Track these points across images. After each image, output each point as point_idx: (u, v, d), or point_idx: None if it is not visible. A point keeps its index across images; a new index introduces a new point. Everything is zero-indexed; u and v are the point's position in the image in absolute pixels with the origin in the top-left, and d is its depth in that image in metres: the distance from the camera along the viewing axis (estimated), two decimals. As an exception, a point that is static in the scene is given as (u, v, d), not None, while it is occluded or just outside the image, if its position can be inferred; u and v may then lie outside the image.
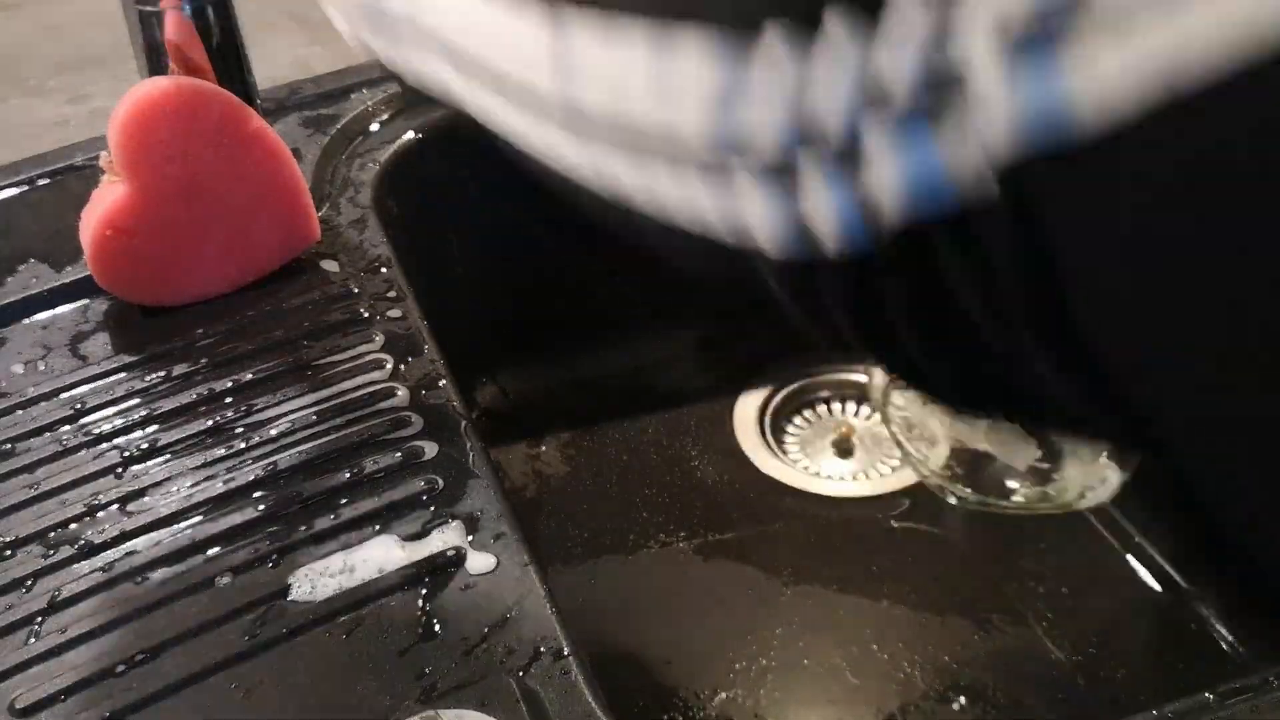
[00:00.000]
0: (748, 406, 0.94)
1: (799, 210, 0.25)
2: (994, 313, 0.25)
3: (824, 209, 0.25)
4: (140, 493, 0.59)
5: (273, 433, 0.62)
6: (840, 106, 0.24)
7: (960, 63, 0.23)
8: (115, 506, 0.58)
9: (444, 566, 0.55)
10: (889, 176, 0.24)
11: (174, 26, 0.72)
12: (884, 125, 0.23)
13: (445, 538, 0.56)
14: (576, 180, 0.31)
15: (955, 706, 0.74)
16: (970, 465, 0.79)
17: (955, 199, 0.23)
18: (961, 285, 0.25)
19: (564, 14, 0.28)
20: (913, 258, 0.24)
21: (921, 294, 0.25)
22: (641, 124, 0.28)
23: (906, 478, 0.88)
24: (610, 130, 0.29)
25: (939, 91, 0.23)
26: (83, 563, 0.56)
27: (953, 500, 0.77)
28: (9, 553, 0.56)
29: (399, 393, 0.64)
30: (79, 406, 0.64)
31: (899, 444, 0.76)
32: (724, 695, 0.75)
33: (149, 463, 0.61)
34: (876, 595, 0.80)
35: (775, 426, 0.93)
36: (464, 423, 0.62)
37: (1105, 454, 0.76)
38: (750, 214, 0.26)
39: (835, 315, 0.27)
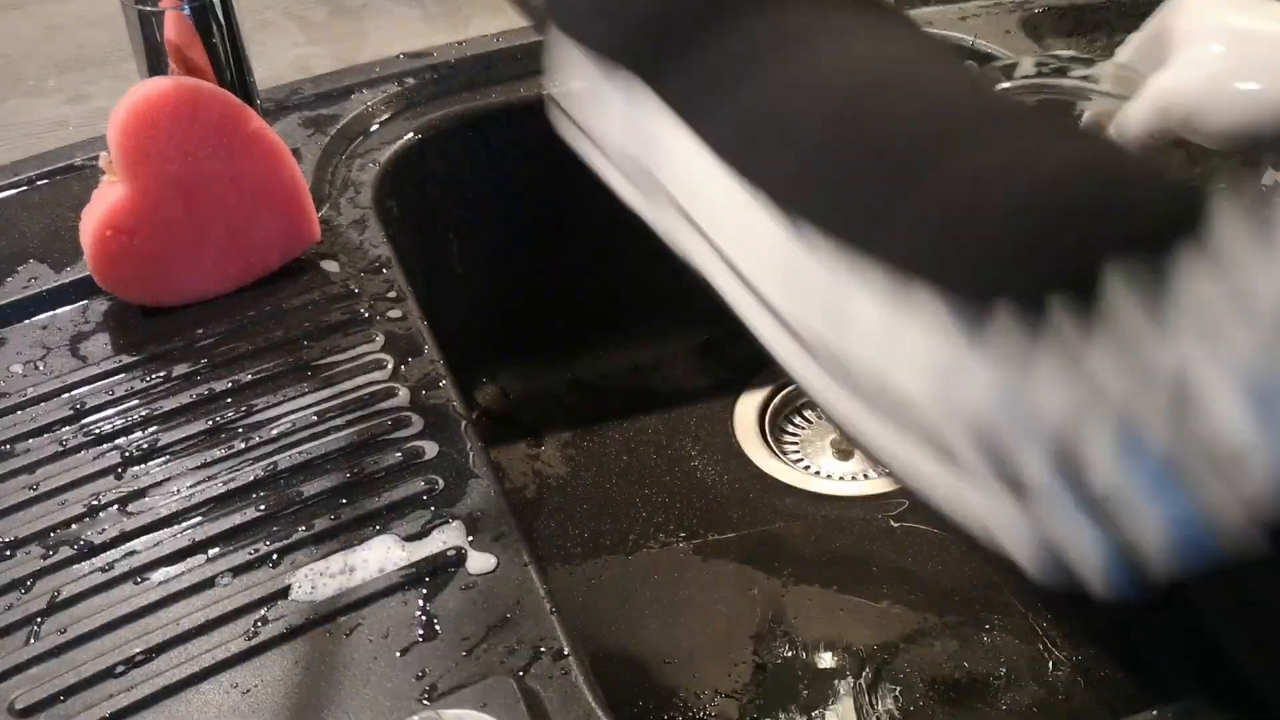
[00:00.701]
0: (748, 406, 0.94)
1: (1045, 530, 0.24)
2: (1266, 655, 0.24)
3: (1078, 543, 0.23)
4: (140, 493, 0.59)
5: (273, 433, 0.62)
6: (1061, 407, 0.23)
7: (1193, 391, 0.21)
8: (115, 507, 0.58)
9: (444, 566, 0.55)
10: (1146, 522, 0.22)
11: (174, 26, 0.72)
12: (1116, 442, 0.22)
13: (445, 538, 0.56)
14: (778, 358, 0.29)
15: (956, 706, 0.74)
16: None
17: (1217, 549, 0.22)
18: (1228, 628, 0.23)
19: (806, 230, 0.27)
20: (1176, 598, 0.23)
21: (1187, 632, 0.24)
22: (857, 365, 0.26)
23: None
24: (828, 356, 0.28)
25: (1173, 420, 0.22)
26: (83, 563, 0.56)
27: None
28: (9, 553, 0.56)
29: (399, 393, 0.64)
30: (79, 406, 0.64)
31: None
32: (724, 695, 0.75)
33: (149, 463, 0.61)
34: (876, 595, 0.80)
35: (775, 426, 0.93)
36: (464, 423, 0.62)
37: None
38: (987, 511, 0.25)
39: (1091, 632, 0.26)
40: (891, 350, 0.25)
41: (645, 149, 0.30)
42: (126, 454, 0.61)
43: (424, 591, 0.54)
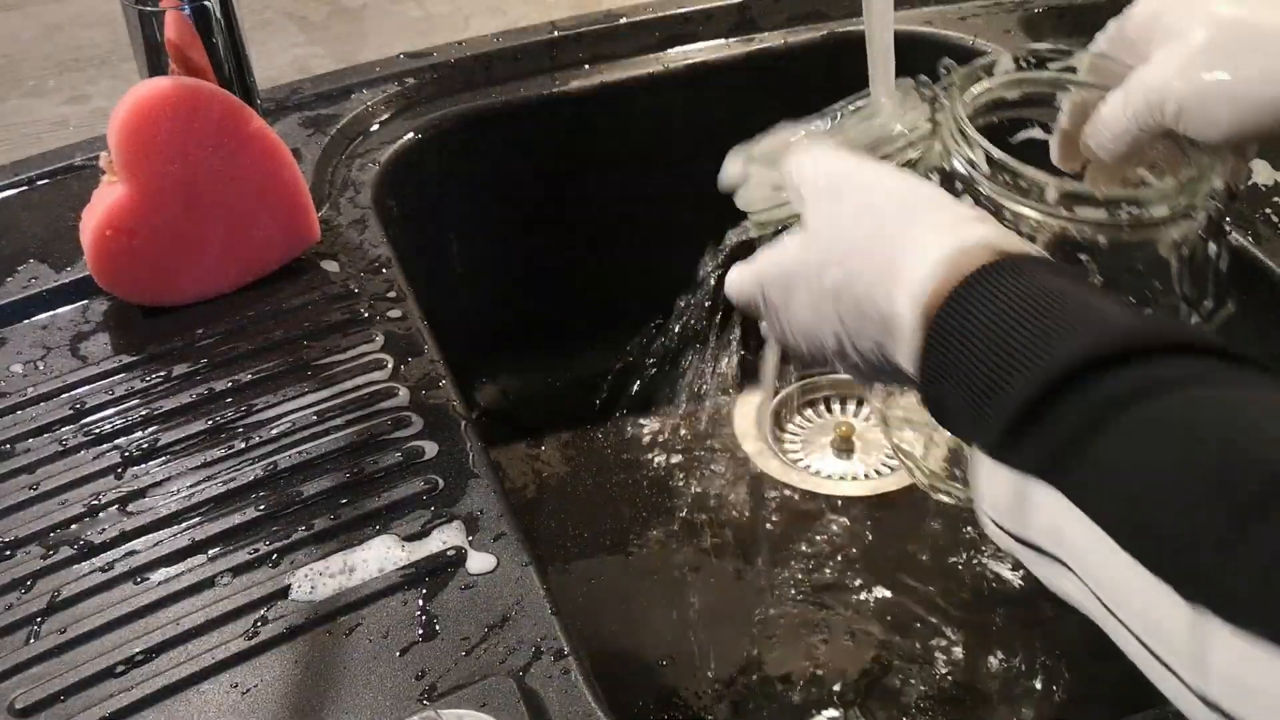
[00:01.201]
0: (748, 406, 0.94)
1: None
2: None
3: None
4: (140, 493, 0.59)
5: (273, 433, 0.62)
6: None
7: None
8: (115, 507, 0.58)
9: (444, 566, 0.55)
10: None
11: (174, 26, 0.72)
12: None
13: (445, 538, 0.56)
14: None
15: (956, 704, 0.74)
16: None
17: None
18: None
19: (1204, 617, 0.32)
20: None
21: None
22: None
23: (906, 478, 0.88)
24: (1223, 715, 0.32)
25: None
26: (83, 563, 0.56)
27: (948, 500, 0.77)
28: (9, 553, 0.56)
29: (399, 393, 0.64)
30: (79, 406, 0.64)
31: (897, 448, 0.76)
32: (724, 695, 0.75)
33: (149, 463, 0.61)
34: (877, 594, 0.80)
35: (775, 426, 0.93)
36: (464, 423, 0.62)
37: None
38: None
39: None
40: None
41: (1051, 528, 0.37)
42: (126, 454, 0.61)
43: (424, 591, 0.54)
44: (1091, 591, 0.37)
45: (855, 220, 0.47)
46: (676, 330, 0.75)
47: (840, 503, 0.86)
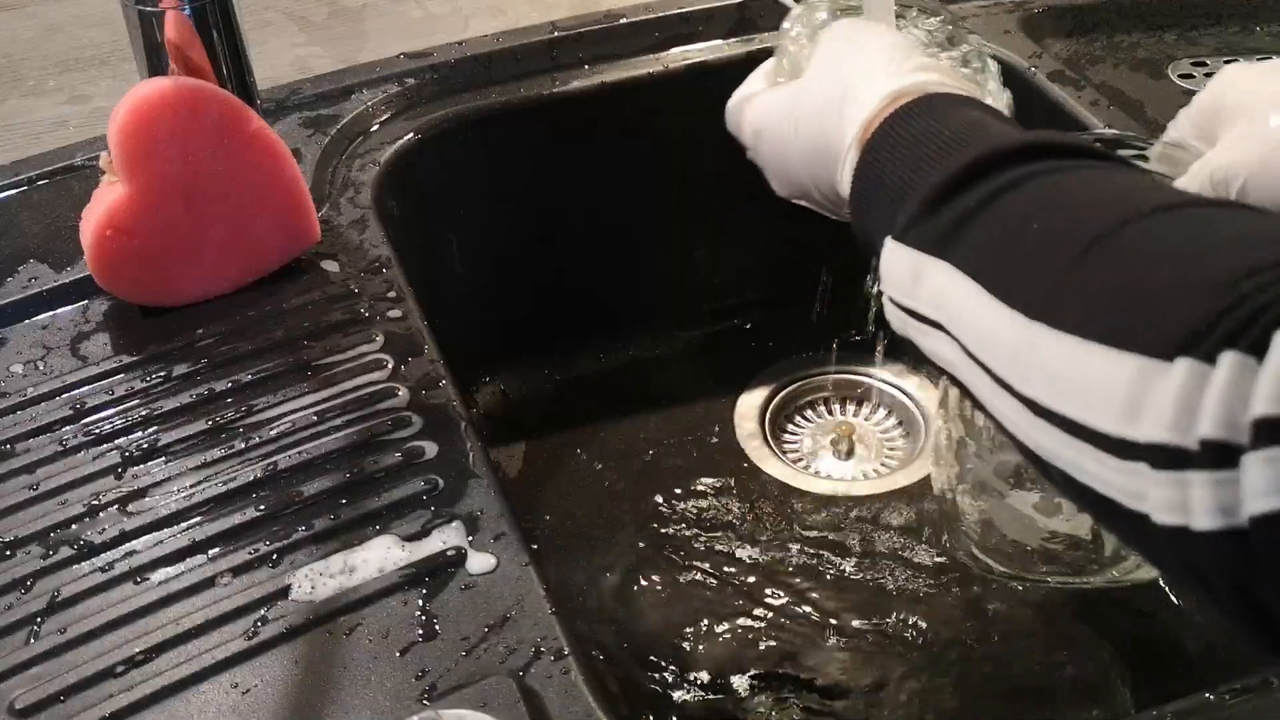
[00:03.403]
0: (748, 406, 0.94)
1: (1185, 496, 0.34)
2: None
3: (1204, 498, 0.33)
4: (140, 493, 0.59)
5: (273, 433, 0.62)
6: (1221, 424, 0.33)
7: None
8: (115, 507, 0.58)
9: (444, 566, 0.55)
10: (1257, 486, 0.32)
11: (174, 26, 0.72)
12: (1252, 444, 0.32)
13: (445, 538, 0.56)
14: (1017, 441, 0.42)
15: (956, 701, 0.74)
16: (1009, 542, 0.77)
17: None
18: None
19: (1035, 328, 0.39)
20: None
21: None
22: (1067, 413, 0.38)
23: (906, 478, 0.88)
24: (1047, 414, 0.39)
25: None
26: (83, 563, 0.56)
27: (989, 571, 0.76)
28: (9, 553, 0.56)
29: (399, 393, 0.64)
30: (79, 406, 0.64)
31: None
32: (724, 695, 0.75)
33: (149, 463, 0.61)
34: (877, 594, 0.80)
35: (775, 426, 0.93)
36: (464, 423, 0.62)
37: None
38: (1144, 491, 0.35)
39: (1211, 581, 0.35)
40: (1085, 392, 0.37)
41: (935, 296, 0.45)
42: (126, 454, 0.61)
43: (424, 591, 0.54)
44: (959, 344, 0.44)
45: (833, 68, 0.55)
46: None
47: (840, 503, 0.86)
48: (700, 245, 1.00)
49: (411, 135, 0.86)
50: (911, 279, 0.46)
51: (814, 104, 0.55)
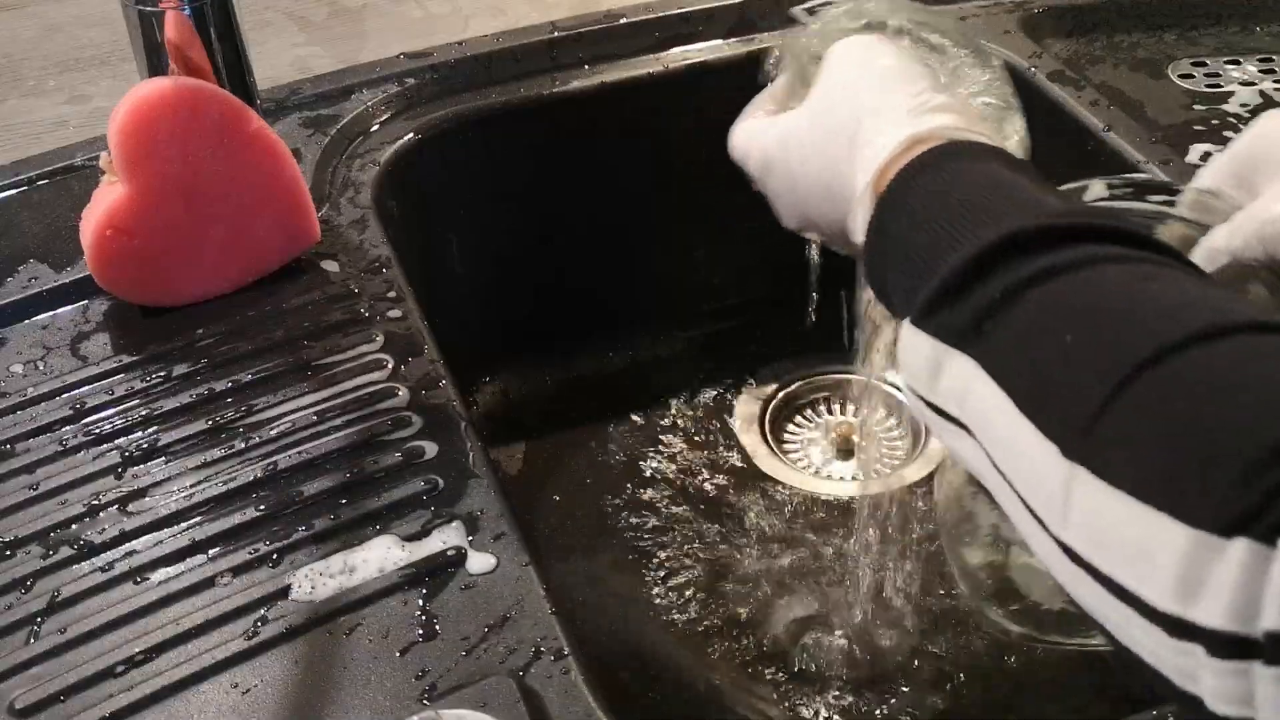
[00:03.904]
0: (748, 406, 0.94)
1: (1249, 688, 0.31)
2: None
3: (1271, 695, 0.31)
4: (140, 493, 0.59)
5: (273, 433, 0.62)
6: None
7: None
8: (115, 507, 0.58)
9: (444, 566, 0.55)
10: None
11: (174, 26, 0.72)
12: None
13: (445, 538, 0.56)
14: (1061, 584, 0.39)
15: (955, 701, 0.74)
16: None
17: None
18: None
19: (1075, 470, 0.36)
20: None
21: None
22: (1113, 575, 0.35)
23: (906, 477, 0.88)
24: (1089, 569, 0.36)
25: None
26: (83, 563, 0.56)
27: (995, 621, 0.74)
28: (9, 553, 0.56)
29: (399, 393, 0.64)
30: (79, 406, 0.64)
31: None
32: (724, 694, 0.75)
33: (149, 463, 0.61)
34: (878, 594, 0.80)
35: (775, 426, 0.93)
36: (464, 423, 0.62)
37: None
38: (1199, 674, 0.33)
39: None
40: (1133, 557, 0.34)
41: (958, 394, 0.41)
42: (126, 454, 0.61)
43: (424, 591, 0.54)
44: (985, 452, 0.40)
45: (844, 97, 0.52)
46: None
47: (840, 503, 0.86)
48: (700, 245, 1.00)
49: (411, 135, 0.86)
50: (931, 371, 0.42)
51: (823, 139, 0.52)
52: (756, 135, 0.57)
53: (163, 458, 0.61)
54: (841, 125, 0.51)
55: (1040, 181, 0.45)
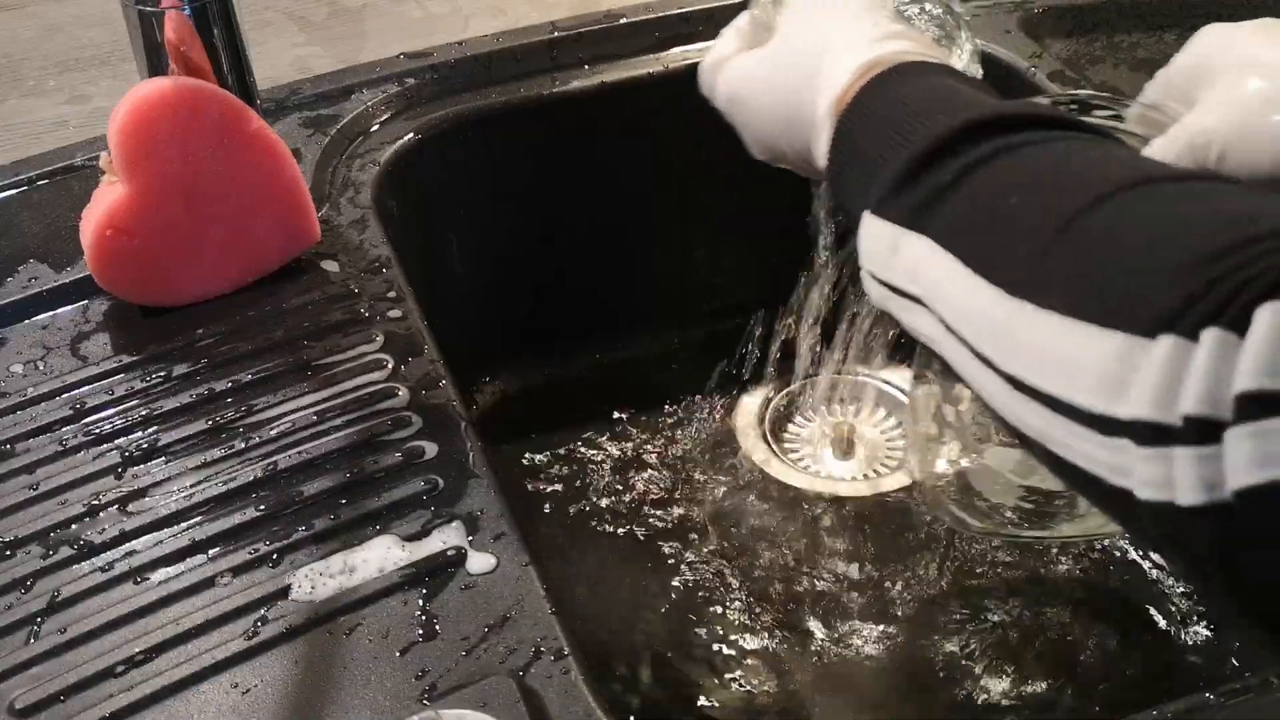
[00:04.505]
0: (748, 406, 0.94)
1: (1169, 471, 0.34)
2: None
3: (1188, 473, 0.34)
4: (140, 493, 0.59)
5: (273, 433, 0.62)
6: (1203, 400, 0.33)
7: None
8: (115, 507, 0.58)
9: (444, 566, 0.55)
10: (1240, 460, 0.32)
11: (174, 26, 0.72)
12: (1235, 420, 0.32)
13: (445, 538, 0.56)
14: (1000, 417, 0.42)
15: (956, 702, 0.74)
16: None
17: None
18: None
19: (1020, 304, 0.39)
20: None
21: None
22: (1052, 391, 0.38)
23: (906, 477, 0.88)
24: (1032, 392, 0.39)
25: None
26: (83, 563, 0.56)
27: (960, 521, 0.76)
28: (9, 553, 0.56)
29: (399, 393, 0.64)
30: (79, 406, 0.64)
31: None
32: (723, 695, 0.75)
33: (149, 463, 0.61)
34: (876, 594, 0.80)
35: (775, 426, 0.93)
36: (464, 423, 0.62)
37: None
38: (1129, 466, 0.36)
39: (1192, 552, 0.36)
40: (1068, 370, 0.37)
41: (913, 269, 0.45)
42: (126, 454, 0.61)
43: (424, 591, 0.54)
44: (939, 319, 0.44)
45: (803, 33, 0.55)
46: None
47: (840, 503, 0.86)
48: (700, 245, 1.00)
49: (411, 135, 0.86)
50: (889, 252, 0.46)
51: (786, 72, 0.55)
52: (724, 69, 0.59)
53: (163, 458, 0.61)
54: (804, 57, 0.54)
55: (981, 86, 0.50)
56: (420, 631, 0.52)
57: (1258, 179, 0.55)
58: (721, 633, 0.78)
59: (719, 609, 0.79)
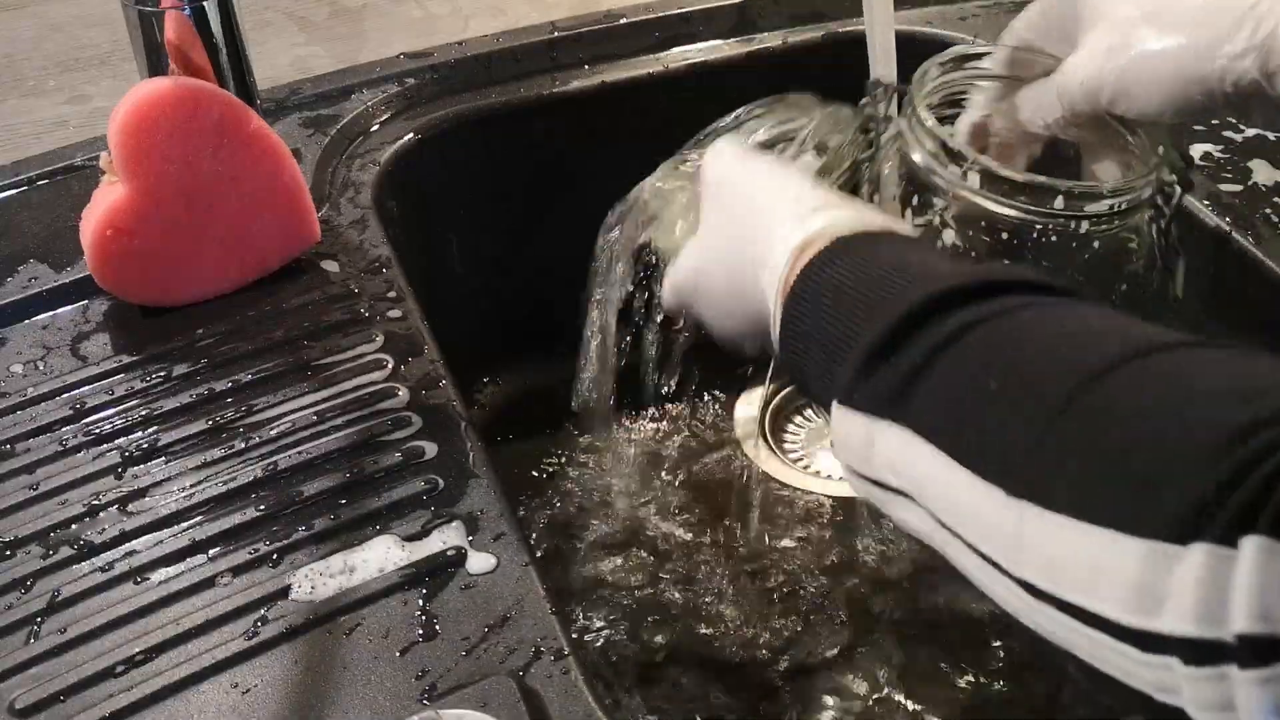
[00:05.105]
0: (748, 406, 0.94)
1: (1227, 694, 0.31)
2: None
3: (1252, 696, 0.31)
4: (140, 493, 0.59)
5: (273, 433, 0.62)
6: (1258, 617, 0.30)
7: None
8: (115, 507, 0.58)
9: (444, 566, 0.55)
10: None
11: (174, 26, 0.72)
12: None
13: (445, 538, 0.56)
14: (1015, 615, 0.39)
15: (954, 701, 0.74)
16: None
17: None
18: None
19: (1022, 507, 0.36)
20: None
21: None
22: (1074, 600, 0.35)
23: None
24: (1051, 600, 0.36)
25: None
26: (83, 563, 0.56)
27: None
28: (9, 553, 0.56)
29: (399, 393, 0.64)
30: (79, 406, 0.64)
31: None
32: (724, 694, 0.75)
33: (149, 463, 0.61)
34: (876, 594, 0.80)
35: (775, 426, 0.93)
36: (464, 423, 0.62)
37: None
38: (1175, 685, 0.33)
39: None
40: (1092, 580, 0.34)
41: (893, 462, 0.41)
42: (126, 454, 0.61)
43: (424, 591, 0.54)
44: (930, 514, 0.41)
45: (731, 223, 0.53)
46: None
47: (840, 502, 0.86)
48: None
49: (411, 135, 0.86)
50: (865, 445, 0.42)
51: (725, 267, 0.53)
52: (672, 276, 0.58)
53: (163, 458, 0.61)
54: (737, 252, 0.52)
55: (930, 250, 0.47)
56: (420, 631, 0.52)
57: (1146, 118, 0.54)
58: (722, 632, 0.78)
59: (720, 609, 0.79)
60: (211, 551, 0.56)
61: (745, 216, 0.52)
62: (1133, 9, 0.52)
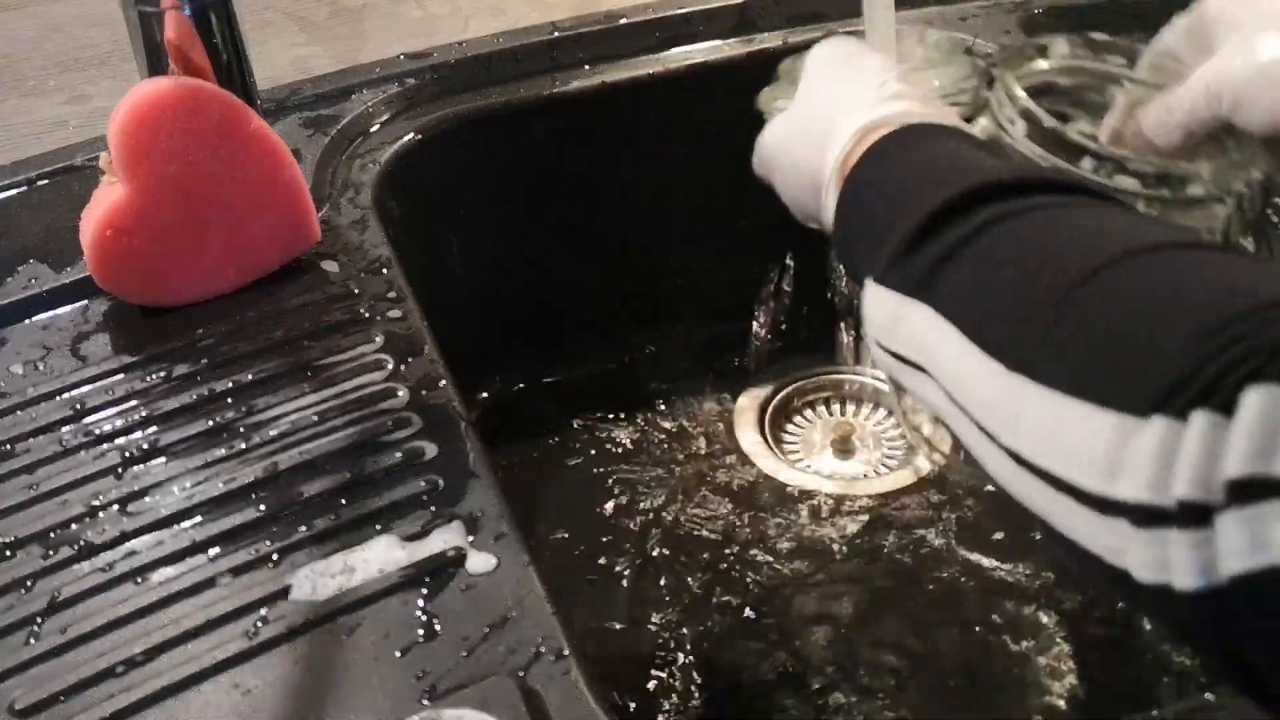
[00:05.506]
0: (748, 406, 0.94)
1: (1165, 554, 0.34)
2: None
3: (1183, 557, 0.33)
4: (140, 493, 0.59)
5: (273, 433, 0.62)
6: (1195, 484, 0.33)
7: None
8: (115, 507, 0.58)
9: (444, 566, 0.55)
10: (1232, 545, 0.32)
11: (174, 26, 0.72)
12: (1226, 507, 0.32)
13: (445, 538, 0.56)
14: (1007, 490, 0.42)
15: (954, 701, 0.74)
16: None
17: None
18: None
19: (1021, 381, 0.39)
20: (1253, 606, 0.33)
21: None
22: (1053, 469, 0.38)
23: (906, 477, 0.88)
24: (1033, 469, 0.39)
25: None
26: (83, 563, 0.56)
27: (956, 477, 0.76)
28: (9, 553, 0.56)
29: (399, 393, 0.64)
30: (79, 407, 0.64)
31: (913, 430, 0.76)
32: (724, 694, 0.75)
33: (149, 463, 0.61)
34: (876, 593, 0.80)
35: (775, 426, 0.93)
36: (464, 423, 0.62)
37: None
38: (1125, 548, 0.35)
39: (1191, 633, 0.35)
40: (1067, 448, 0.37)
41: (916, 338, 0.45)
42: (126, 454, 0.61)
43: (424, 592, 0.54)
44: (942, 387, 0.44)
45: (817, 98, 0.56)
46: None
47: (840, 502, 0.86)
48: (700, 245, 1.00)
49: (411, 135, 0.86)
50: (892, 321, 0.46)
51: (802, 135, 0.56)
52: (759, 140, 0.60)
53: (163, 458, 0.61)
54: (815, 121, 0.55)
55: (986, 149, 0.50)
56: (420, 632, 0.52)
57: (1264, 131, 0.55)
58: (722, 632, 0.78)
59: (720, 608, 0.79)
60: (212, 552, 0.56)
61: (830, 94, 0.55)
62: (1266, 19, 0.54)
